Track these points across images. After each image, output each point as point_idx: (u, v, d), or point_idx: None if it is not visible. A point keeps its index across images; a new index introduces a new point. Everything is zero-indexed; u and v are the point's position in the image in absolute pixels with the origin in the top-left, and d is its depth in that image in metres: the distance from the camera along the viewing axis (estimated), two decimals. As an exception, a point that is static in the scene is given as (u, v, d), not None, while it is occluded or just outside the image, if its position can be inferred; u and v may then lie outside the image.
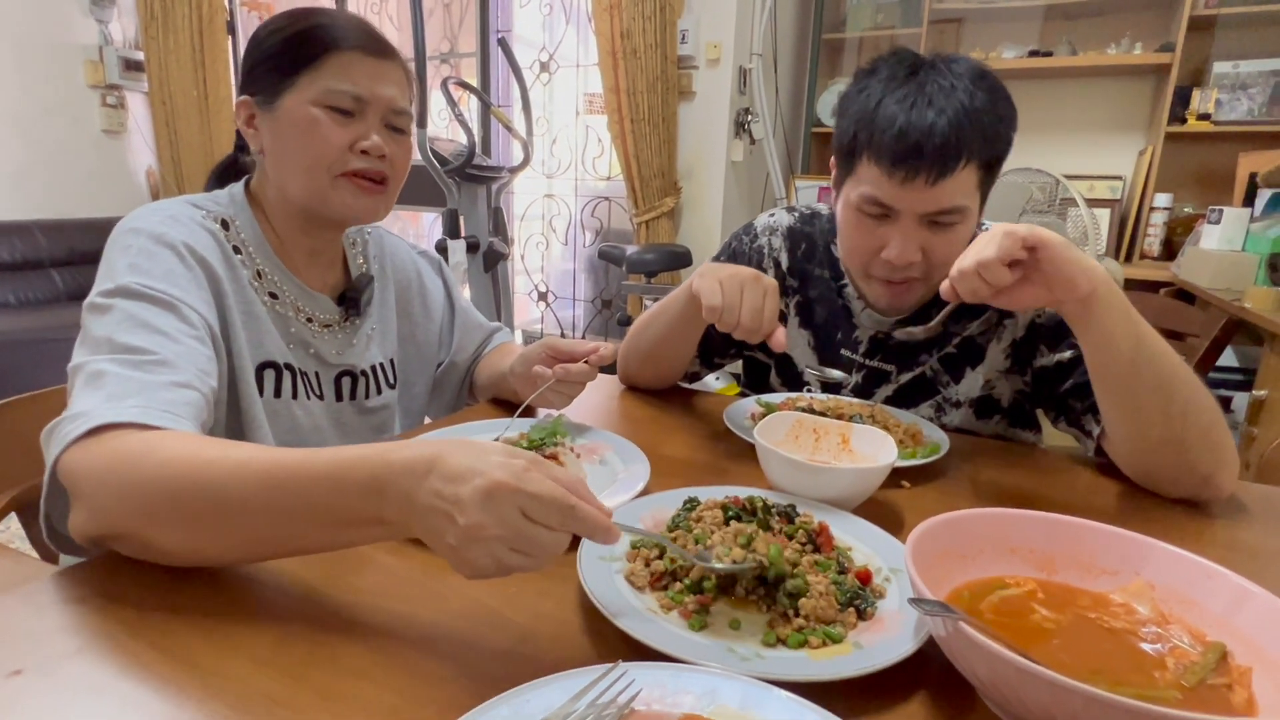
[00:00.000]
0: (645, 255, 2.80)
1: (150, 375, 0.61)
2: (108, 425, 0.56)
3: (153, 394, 0.60)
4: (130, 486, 0.53)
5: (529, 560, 0.44)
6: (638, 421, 0.99)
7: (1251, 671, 0.43)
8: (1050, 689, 0.36)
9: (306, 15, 0.81)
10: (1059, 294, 0.71)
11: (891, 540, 0.62)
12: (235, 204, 0.83)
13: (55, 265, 3.56)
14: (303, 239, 0.87)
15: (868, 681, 0.45)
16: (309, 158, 0.79)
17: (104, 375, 0.60)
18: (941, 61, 0.87)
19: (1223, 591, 0.47)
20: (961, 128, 0.82)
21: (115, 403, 0.58)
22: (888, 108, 0.84)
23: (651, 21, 2.87)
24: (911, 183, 0.83)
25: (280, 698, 0.44)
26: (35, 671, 0.45)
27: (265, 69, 0.80)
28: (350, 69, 0.79)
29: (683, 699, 0.41)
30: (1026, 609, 0.50)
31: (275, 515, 0.50)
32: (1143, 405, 0.75)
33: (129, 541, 0.55)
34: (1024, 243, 0.68)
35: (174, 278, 0.70)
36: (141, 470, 0.53)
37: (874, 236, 0.90)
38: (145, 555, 0.55)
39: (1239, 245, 2.24)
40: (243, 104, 0.82)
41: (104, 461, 0.54)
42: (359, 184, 0.81)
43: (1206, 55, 2.78)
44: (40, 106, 3.58)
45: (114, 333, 0.63)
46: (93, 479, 0.54)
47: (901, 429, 0.89)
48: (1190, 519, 0.76)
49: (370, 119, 0.81)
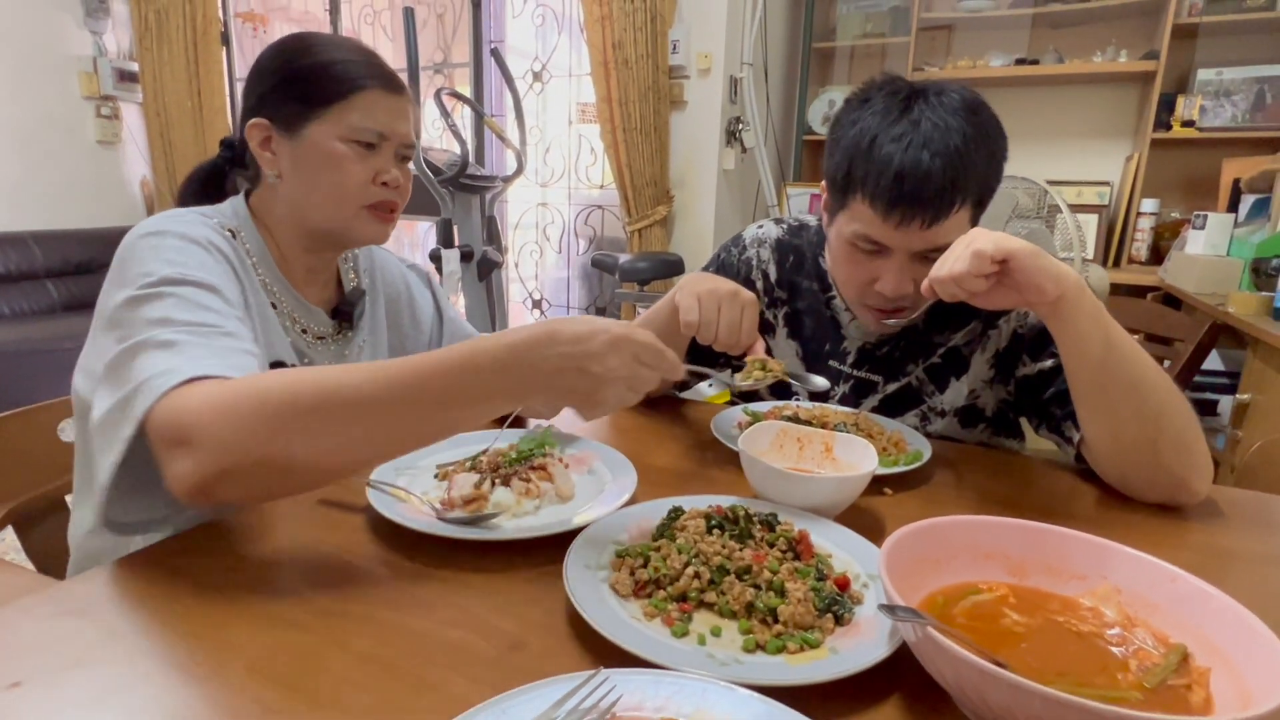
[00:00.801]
0: (638, 263, 2.82)
1: (220, 343, 0.64)
2: (199, 378, 0.58)
3: (226, 357, 0.63)
4: (261, 407, 0.55)
5: (636, 396, 0.60)
6: (626, 431, 1.01)
7: (1210, 672, 0.45)
8: (1011, 691, 0.37)
9: (326, 47, 0.84)
10: (1029, 297, 0.74)
11: (870, 547, 0.63)
12: (239, 217, 0.86)
13: (50, 276, 3.56)
14: (305, 256, 0.90)
15: (843, 685, 0.47)
16: (337, 190, 0.83)
17: (174, 344, 0.62)
18: (935, 93, 0.86)
19: (1185, 595, 0.49)
20: (957, 171, 0.82)
21: (197, 361, 0.60)
22: (883, 147, 0.83)
23: (643, 32, 2.90)
24: (907, 226, 0.84)
25: (273, 705, 0.45)
26: (34, 683, 0.46)
27: (287, 96, 0.82)
28: (375, 107, 0.83)
29: (663, 704, 0.43)
30: (998, 613, 0.52)
31: (409, 406, 0.57)
32: (1115, 406, 0.77)
33: (247, 474, 0.56)
34: (992, 259, 0.70)
35: (208, 268, 0.73)
36: (272, 391, 0.56)
37: (867, 269, 0.91)
38: (261, 486, 0.58)
39: (1223, 250, 2.27)
40: (259, 126, 0.84)
41: (219, 398, 0.56)
42: (378, 215, 0.87)
43: (1190, 63, 2.82)
44: (35, 118, 3.59)
45: (171, 313, 0.65)
46: (212, 413, 0.55)
47: (885, 437, 0.91)
48: (1166, 523, 0.77)
49: (387, 152, 0.86)
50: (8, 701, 0.44)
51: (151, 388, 0.57)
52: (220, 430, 0.55)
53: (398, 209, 0.89)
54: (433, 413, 0.58)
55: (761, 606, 0.53)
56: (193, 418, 0.56)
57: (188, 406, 0.56)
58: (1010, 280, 0.73)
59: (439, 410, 0.58)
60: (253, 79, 0.85)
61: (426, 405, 0.57)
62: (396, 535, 0.65)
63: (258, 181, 0.88)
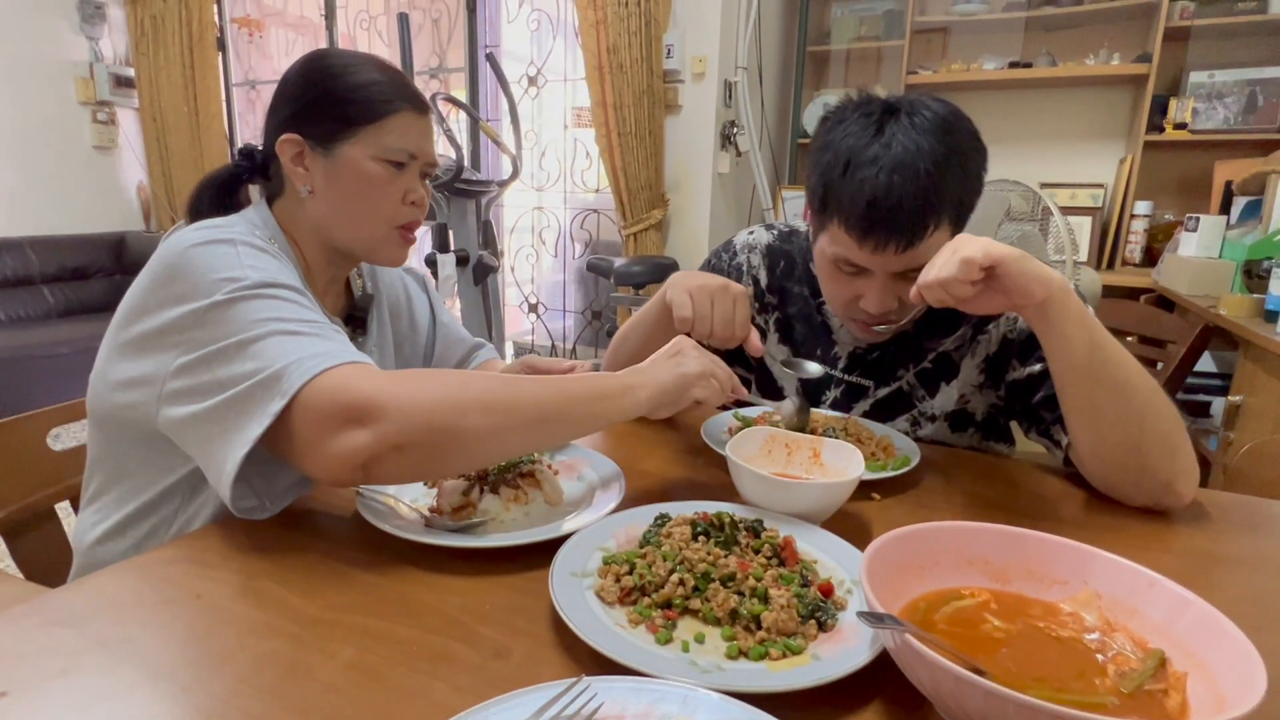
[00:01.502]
0: (633, 267, 2.83)
1: (340, 339, 0.69)
2: (355, 362, 0.64)
3: (355, 354, 0.66)
4: (445, 388, 0.63)
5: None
6: (617, 437, 1.01)
7: (1187, 677, 0.45)
8: (986, 697, 0.38)
9: (365, 67, 0.85)
10: (1016, 300, 0.74)
11: (856, 553, 0.63)
12: (269, 228, 0.86)
13: (46, 282, 3.56)
14: (328, 268, 0.91)
15: (825, 691, 0.47)
16: (370, 210, 0.86)
17: (300, 335, 0.66)
18: (908, 111, 0.85)
19: (1163, 600, 0.49)
20: (929, 195, 0.81)
21: (343, 349, 0.66)
22: (855, 174, 0.83)
23: (637, 36, 2.91)
24: (882, 251, 0.84)
25: (259, 714, 0.45)
26: (20, 693, 0.46)
27: (323, 115, 0.83)
28: (408, 129, 0.86)
29: (645, 712, 0.43)
30: (979, 619, 0.52)
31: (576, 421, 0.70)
32: (1100, 408, 0.78)
33: (421, 447, 0.62)
34: (980, 265, 0.71)
35: (285, 274, 0.74)
36: (444, 377, 0.66)
37: (850, 287, 0.92)
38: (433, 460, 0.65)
39: (1216, 252, 2.28)
40: (292, 141, 0.84)
41: (404, 377, 0.64)
42: (404, 235, 0.90)
43: (1183, 65, 2.83)
44: (31, 123, 3.60)
45: (280, 311, 0.67)
46: (395, 388, 0.62)
47: (874, 441, 0.91)
48: (1152, 527, 0.78)
49: (414, 171, 0.88)
50: (-6, 711, 0.45)
51: (304, 367, 0.62)
52: (408, 403, 0.61)
53: (418, 227, 0.92)
54: (590, 425, 0.71)
55: (745, 613, 0.54)
56: (375, 391, 0.61)
57: (364, 384, 0.61)
58: (997, 284, 0.73)
59: (596, 422, 0.71)
60: (284, 93, 0.86)
61: (589, 420, 0.70)
62: (384, 543, 0.66)
63: (281, 192, 0.88)
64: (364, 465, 0.61)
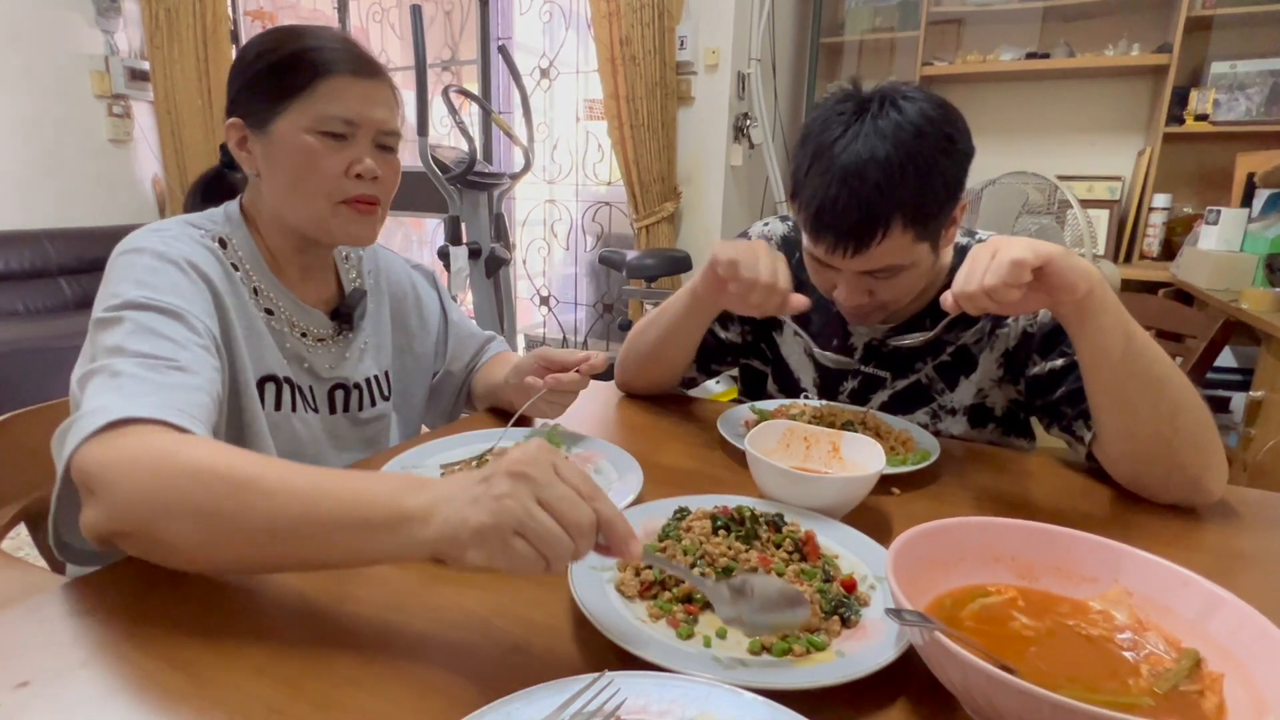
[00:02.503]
0: (645, 260, 2.81)
1: (165, 378, 0.62)
2: (126, 420, 0.56)
3: (168, 394, 0.61)
4: (156, 479, 0.52)
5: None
6: (634, 429, 1.01)
7: (1223, 678, 0.44)
8: (1019, 696, 0.37)
9: (294, 37, 0.81)
10: (1059, 297, 0.72)
11: (878, 548, 0.63)
12: (231, 222, 0.84)
13: (63, 274, 3.59)
14: (297, 256, 0.88)
15: (849, 689, 0.46)
16: (307, 186, 0.80)
17: (120, 376, 0.61)
18: (880, 107, 0.83)
19: (1196, 598, 0.48)
20: (875, 201, 0.80)
21: (131, 400, 0.58)
22: (811, 179, 0.84)
23: (650, 28, 2.89)
24: (834, 253, 0.85)
25: (278, 706, 0.45)
26: (42, 682, 0.46)
27: (255, 93, 0.80)
28: (343, 94, 0.79)
29: (668, 707, 0.43)
30: (1007, 617, 0.51)
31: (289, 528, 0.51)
32: (1133, 402, 0.76)
33: (139, 539, 0.54)
34: (1031, 266, 0.68)
35: (179, 290, 0.72)
36: (169, 465, 0.53)
37: (825, 278, 0.93)
38: (153, 555, 0.55)
39: (1237, 246, 2.24)
40: (234, 126, 0.82)
41: (127, 454, 0.54)
42: (357, 208, 0.83)
43: (1204, 56, 2.78)
44: (48, 116, 3.62)
45: (125, 341, 0.64)
46: (114, 470, 0.53)
47: (893, 435, 0.90)
48: (1177, 524, 0.77)
49: (361, 141, 0.81)
50: (16, 700, 0.45)
51: (80, 427, 0.56)
52: (115, 487, 0.53)
53: (379, 202, 0.85)
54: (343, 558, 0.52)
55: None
56: (101, 469, 0.54)
57: (100, 455, 0.54)
58: (1042, 283, 0.71)
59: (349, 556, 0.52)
60: (231, 78, 0.84)
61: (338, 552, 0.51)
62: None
63: (247, 181, 0.87)
64: (101, 542, 0.55)
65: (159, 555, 0.55)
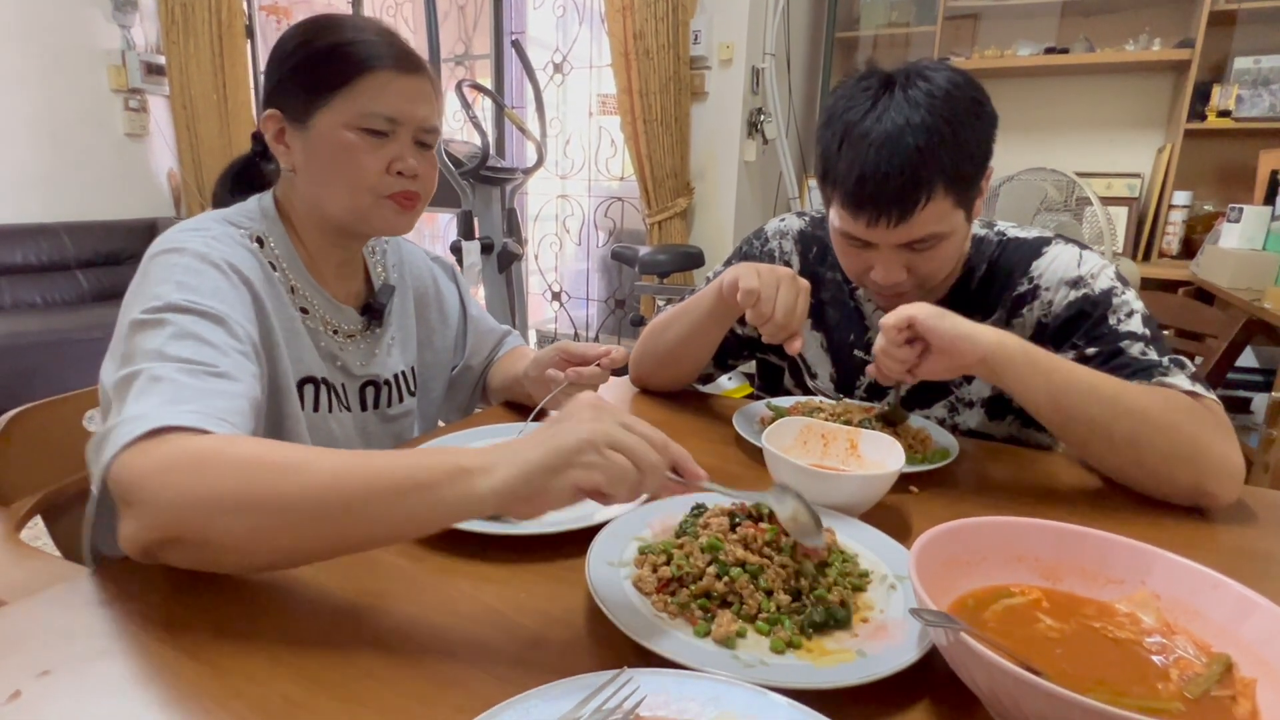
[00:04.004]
0: (658, 256, 2.81)
1: (206, 384, 0.61)
2: (167, 428, 0.54)
3: (209, 401, 0.59)
4: (199, 478, 0.51)
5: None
6: (650, 425, 1.00)
7: (1256, 683, 0.43)
8: (1049, 700, 0.36)
9: (335, 28, 0.79)
10: (956, 361, 0.78)
11: (898, 547, 0.62)
12: (267, 219, 0.83)
13: (80, 267, 3.62)
14: (333, 251, 0.87)
15: (871, 689, 0.46)
16: (349, 182, 0.79)
17: (160, 381, 0.59)
18: (902, 85, 0.83)
19: (1227, 602, 0.47)
20: (918, 165, 0.80)
21: (172, 407, 0.56)
22: (847, 152, 0.84)
23: (664, 22, 2.88)
24: (877, 225, 0.84)
25: (296, 698, 0.45)
26: (63, 672, 0.46)
27: (295, 85, 0.79)
28: (385, 90, 0.78)
29: (687, 706, 0.42)
30: (1031, 618, 0.51)
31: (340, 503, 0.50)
32: (1082, 440, 0.81)
33: (186, 545, 0.52)
34: (898, 328, 0.76)
35: (221, 294, 0.70)
36: (214, 462, 0.52)
37: (860, 260, 0.92)
38: (199, 560, 0.54)
39: (1259, 244, 2.21)
40: (272, 118, 0.81)
41: (168, 460, 0.52)
42: (398, 203, 0.82)
43: (1227, 51, 2.74)
44: (65, 111, 3.65)
45: (165, 345, 0.62)
46: (155, 478, 0.52)
47: (910, 433, 0.89)
48: (1198, 525, 0.75)
49: (403, 138, 0.80)
50: (38, 689, 0.45)
51: (118, 435, 0.54)
52: (160, 494, 0.51)
53: (419, 199, 0.84)
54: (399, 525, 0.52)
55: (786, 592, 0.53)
56: (139, 479, 0.52)
57: (140, 466, 0.52)
58: (934, 347, 0.77)
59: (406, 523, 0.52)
60: (269, 67, 0.82)
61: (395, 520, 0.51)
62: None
63: (280, 173, 0.86)
64: (143, 554, 0.53)
65: (209, 557, 0.54)
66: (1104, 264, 0.91)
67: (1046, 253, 0.94)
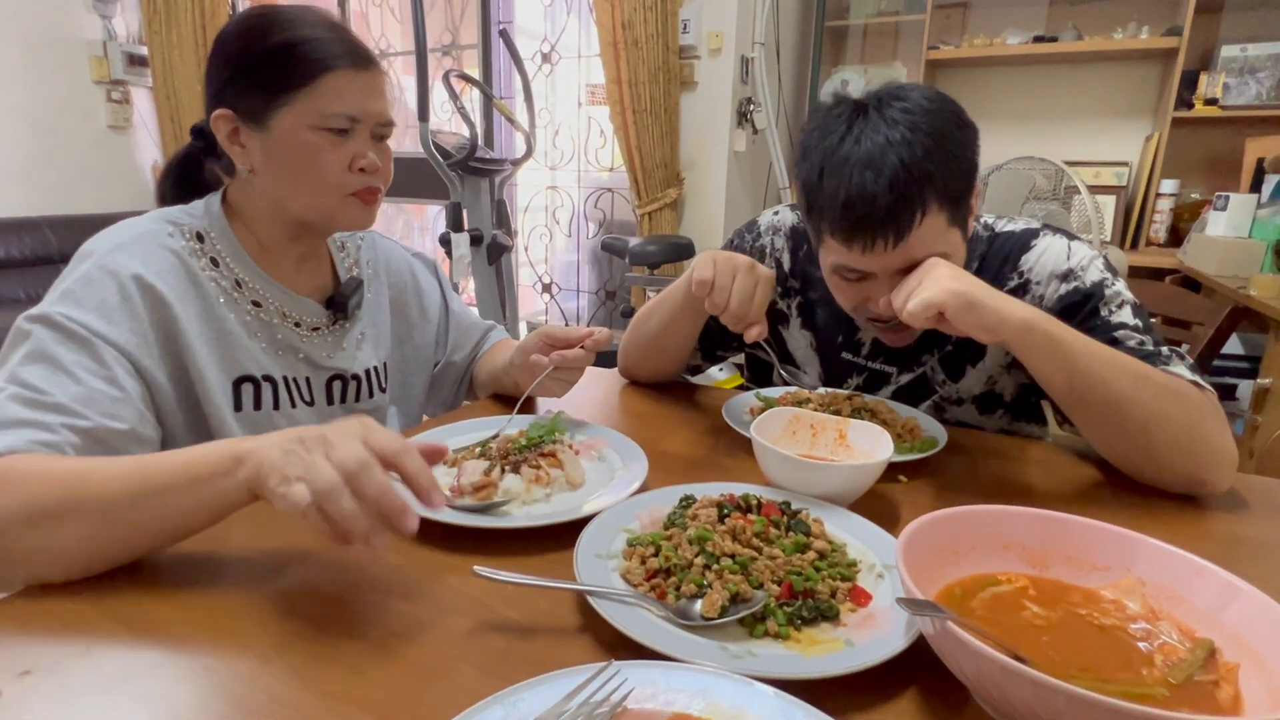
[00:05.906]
0: (648, 247, 2.80)
1: (36, 415, 0.62)
2: None
3: (22, 433, 0.61)
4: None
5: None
6: (638, 417, 1.00)
7: (1239, 668, 0.43)
8: (1033, 688, 0.36)
9: (284, 25, 0.78)
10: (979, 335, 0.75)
11: (886, 536, 0.62)
12: (211, 216, 0.83)
13: (64, 261, 3.54)
14: (293, 246, 0.87)
15: (859, 679, 0.46)
16: (314, 182, 0.80)
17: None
18: (875, 107, 0.81)
19: (1211, 588, 0.47)
20: (907, 184, 0.78)
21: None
22: (829, 180, 0.81)
23: (653, 11, 2.86)
24: (873, 250, 0.81)
25: (281, 696, 0.45)
26: (44, 671, 0.46)
27: (249, 85, 0.77)
28: (345, 89, 0.78)
29: (674, 697, 0.42)
30: (1018, 605, 0.51)
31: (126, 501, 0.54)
32: (1096, 425, 0.81)
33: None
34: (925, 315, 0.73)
35: (105, 308, 0.70)
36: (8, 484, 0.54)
37: (857, 292, 0.89)
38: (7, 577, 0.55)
39: (1245, 232, 2.23)
40: (223, 117, 0.79)
41: None
42: (361, 199, 0.83)
43: (1214, 39, 2.75)
44: (47, 103, 3.59)
45: (19, 367, 0.65)
46: None
47: (899, 423, 0.89)
48: (1187, 512, 0.76)
49: (361, 135, 0.81)
50: (18, 689, 0.44)
51: None
52: None
53: (379, 192, 0.85)
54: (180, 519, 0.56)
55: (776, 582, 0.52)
56: None
57: None
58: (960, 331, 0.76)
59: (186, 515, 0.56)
60: (214, 63, 0.80)
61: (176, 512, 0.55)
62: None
63: (233, 173, 0.84)
64: None
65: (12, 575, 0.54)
66: (1093, 254, 0.91)
67: (1035, 245, 0.93)
